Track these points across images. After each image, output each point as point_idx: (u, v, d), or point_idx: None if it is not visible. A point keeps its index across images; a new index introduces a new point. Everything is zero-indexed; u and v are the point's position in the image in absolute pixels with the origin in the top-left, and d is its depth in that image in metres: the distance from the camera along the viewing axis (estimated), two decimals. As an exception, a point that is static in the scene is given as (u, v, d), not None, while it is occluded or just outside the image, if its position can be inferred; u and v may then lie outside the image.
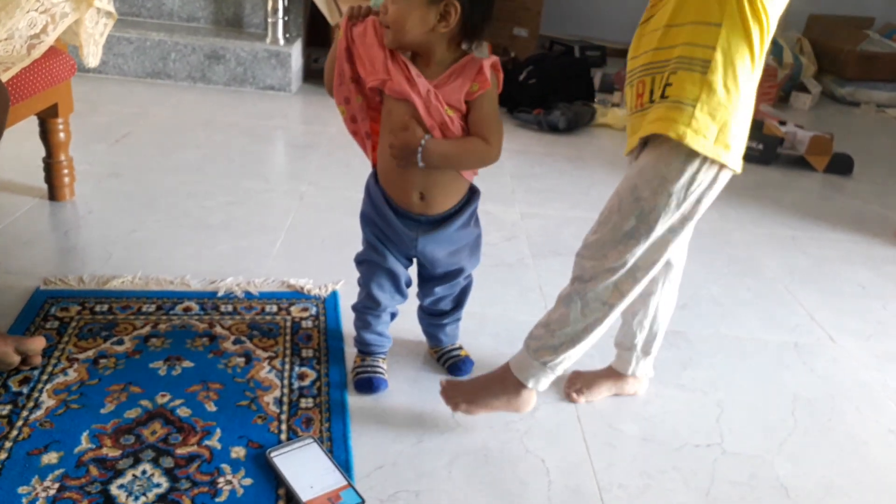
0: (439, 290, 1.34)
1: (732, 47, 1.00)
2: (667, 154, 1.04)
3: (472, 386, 1.26)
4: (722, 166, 1.05)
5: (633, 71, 1.12)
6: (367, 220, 1.29)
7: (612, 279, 1.12)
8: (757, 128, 3.01)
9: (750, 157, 2.91)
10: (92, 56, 1.73)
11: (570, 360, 1.20)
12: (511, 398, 1.22)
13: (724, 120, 1.02)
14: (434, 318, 1.41)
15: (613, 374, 1.40)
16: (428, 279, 1.34)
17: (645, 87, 1.07)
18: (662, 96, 1.03)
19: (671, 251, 1.11)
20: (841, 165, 2.90)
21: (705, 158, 1.03)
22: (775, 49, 3.84)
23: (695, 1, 1.01)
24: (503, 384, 1.22)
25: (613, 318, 1.17)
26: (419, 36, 1.11)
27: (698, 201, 1.07)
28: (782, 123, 3.07)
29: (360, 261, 1.32)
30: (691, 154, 1.03)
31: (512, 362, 1.23)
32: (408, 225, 1.24)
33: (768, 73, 3.66)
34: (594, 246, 1.13)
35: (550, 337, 1.18)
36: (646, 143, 1.09)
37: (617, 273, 1.11)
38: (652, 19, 1.09)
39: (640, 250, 1.09)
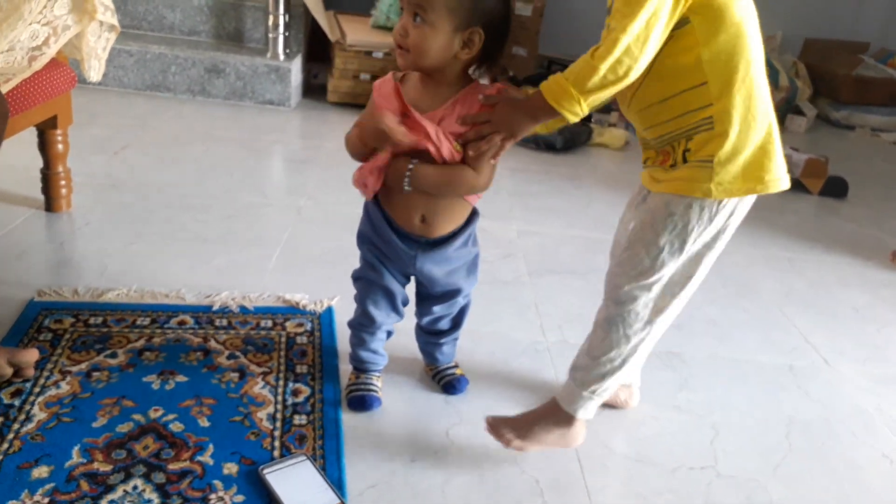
0: (437, 310, 1.34)
1: (727, 90, 1.04)
2: None
3: (523, 422, 1.25)
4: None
5: (650, 140, 1.15)
6: (364, 238, 1.28)
7: (650, 296, 1.15)
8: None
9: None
10: (94, 70, 1.73)
11: (616, 384, 1.22)
12: (564, 432, 1.23)
13: (750, 153, 1.07)
14: (432, 336, 1.41)
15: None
16: (426, 298, 1.34)
17: (668, 156, 1.12)
18: (685, 160, 1.09)
19: (706, 265, 1.15)
20: (836, 188, 2.91)
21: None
22: (771, 72, 3.87)
23: (669, 76, 1.06)
24: (555, 418, 1.23)
25: (656, 337, 1.20)
26: (440, 61, 1.11)
27: (731, 215, 1.12)
28: (778, 146, 3.09)
29: (357, 277, 1.32)
30: None
31: (560, 396, 1.24)
32: (408, 244, 1.23)
33: (764, 96, 3.68)
34: (628, 264, 1.14)
35: (597, 366, 1.19)
36: None
37: (653, 290, 1.14)
38: (635, 97, 1.12)
39: (674, 265, 1.13)
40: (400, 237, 1.23)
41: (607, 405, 1.40)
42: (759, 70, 1.07)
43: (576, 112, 1.03)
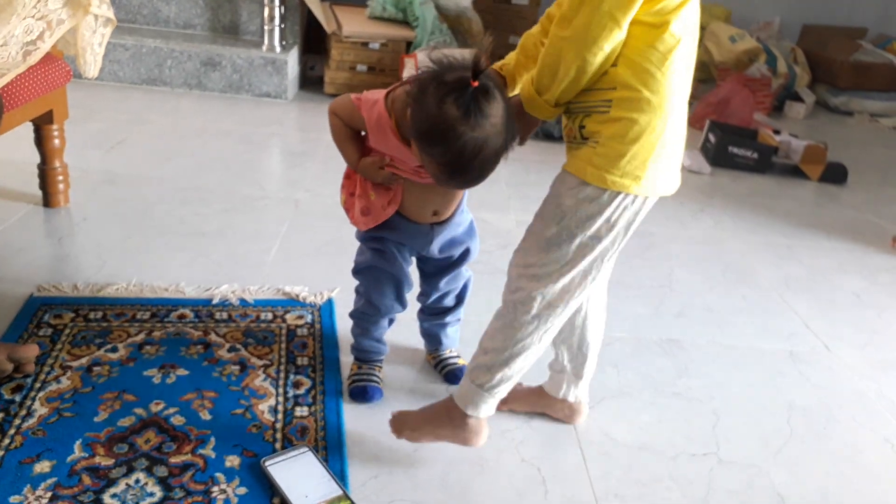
0: (443, 285, 1.34)
1: (633, 79, 0.98)
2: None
3: (420, 415, 1.22)
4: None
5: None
6: (370, 236, 1.27)
7: (538, 288, 1.09)
8: (751, 137, 3.02)
9: (744, 165, 2.92)
10: (90, 66, 1.72)
11: (508, 382, 1.15)
12: (457, 428, 1.18)
13: (634, 150, 1.00)
14: (437, 316, 1.41)
15: (543, 393, 1.34)
16: (433, 274, 1.34)
17: (571, 124, 1.08)
18: (582, 137, 1.05)
19: (598, 266, 1.08)
20: (835, 174, 2.91)
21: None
22: (770, 59, 3.86)
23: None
24: (448, 414, 1.18)
25: (550, 335, 1.13)
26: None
27: (620, 217, 1.04)
28: (776, 133, 3.09)
29: (362, 269, 1.32)
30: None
31: (455, 391, 1.20)
32: (422, 228, 1.25)
33: (763, 83, 3.68)
34: (521, 255, 1.12)
35: (483, 355, 1.15)
36: None
37: (542, 281, 1.08)
38: None
39: (563, 258, 1.07)
40: (414, 225, 1.24)
41: (554, 419, 1.34)
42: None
43: (545, 114, 1.06)
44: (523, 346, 1.12)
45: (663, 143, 1.01)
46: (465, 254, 1.33)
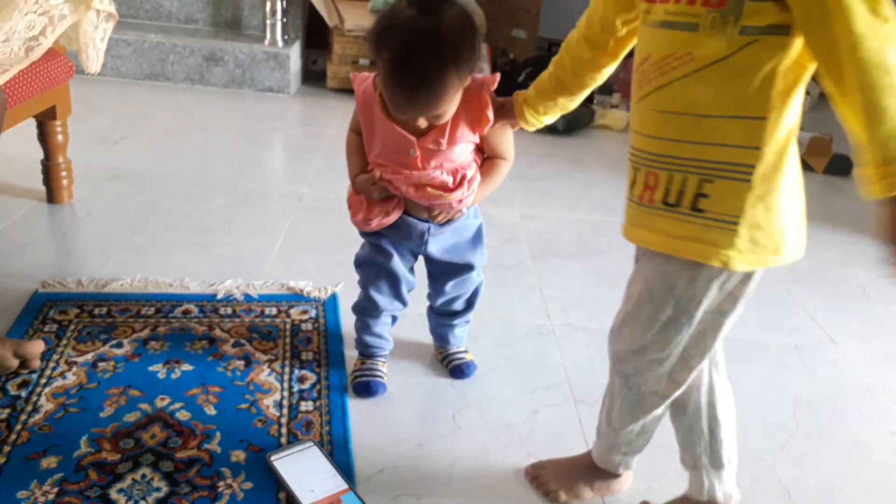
0: (450, 289, 1.34)
1: (778, 139, 0.82)
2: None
3: (565, 473, 1.18)
4: None
5: (640, 152, 0.91)
6: (369, 231, 1.28)
7: (662, 370, 0.99)
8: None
9: (749, 158, 2.91)
10: (93, 62, 1.71)
11: (646, 442, 1.14)
12: (608, 484, 1.18)
13: (777, 223, 0.86)
14: (445, 318, 1.41)
15: (688, 502, 1.13)
16: (438, 276, 1.34)
17: (659, 182, 0.88)
18: (694, 208, 0.86)
19: (726, 329, 0.96)
20: (840, 166, 2.90)
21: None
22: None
23: (729, 89, 0.81)
24: (598, 472, 1.17)
25: (673, 398, 1.05)
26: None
27: (746, 288, 0.92)
28: (781, 125, 3.07)
29: (361, 263, 1.32)
30: None
31: (595, 457, 1.16)
32: (421, 220, 1.24)
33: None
34: (629, 338, 0.99)
35: (616, 436, 1.11)
36: None
37: (664, 364, 0.98)
38: (662, 91, 0.86)
39: (684, 339, 0.95)
40: (411, 218, 1.24)
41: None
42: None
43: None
44: (654, 416, 1.07)
45: (798, 197, 0.88)
46: (466, 267, 1.32)
